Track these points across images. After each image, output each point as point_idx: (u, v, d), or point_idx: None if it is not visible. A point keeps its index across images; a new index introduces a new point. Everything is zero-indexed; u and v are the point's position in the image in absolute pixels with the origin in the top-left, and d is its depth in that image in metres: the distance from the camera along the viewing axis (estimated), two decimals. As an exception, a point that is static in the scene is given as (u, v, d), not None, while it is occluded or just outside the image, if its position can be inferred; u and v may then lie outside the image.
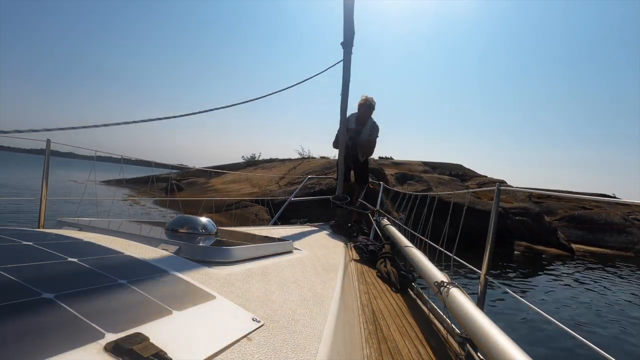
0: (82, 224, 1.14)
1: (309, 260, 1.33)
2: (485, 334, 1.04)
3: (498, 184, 1.56)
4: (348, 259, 2.17)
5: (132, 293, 0.54)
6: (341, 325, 0.83)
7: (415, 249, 2.19)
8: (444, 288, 1.45)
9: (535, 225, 12.29)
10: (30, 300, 0.44)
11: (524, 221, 12.18)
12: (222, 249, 0.96)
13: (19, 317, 0.40)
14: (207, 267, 0.83)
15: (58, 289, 0.48)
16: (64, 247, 0.68)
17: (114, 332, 0.42)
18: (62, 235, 0.80)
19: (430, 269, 1.77)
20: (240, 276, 0.84)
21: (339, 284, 1.14)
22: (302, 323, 0.68)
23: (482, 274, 1.49)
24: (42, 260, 0.58)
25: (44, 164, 1.78)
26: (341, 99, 3.87)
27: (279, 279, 0.93)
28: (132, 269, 0.65)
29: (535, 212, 12.71)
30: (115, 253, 0.73)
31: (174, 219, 1.23)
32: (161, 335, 0.45)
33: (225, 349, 0.48)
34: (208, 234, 1.19)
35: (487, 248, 1.51)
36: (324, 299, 0.90)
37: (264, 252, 1.14)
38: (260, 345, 0.53)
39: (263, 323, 0.61)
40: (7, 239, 0.66)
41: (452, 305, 1.34)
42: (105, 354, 0.38)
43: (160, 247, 0.91)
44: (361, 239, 3.05)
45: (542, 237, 12.06)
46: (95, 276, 0.57)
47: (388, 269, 2.21)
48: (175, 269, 0.72)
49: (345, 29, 3.35)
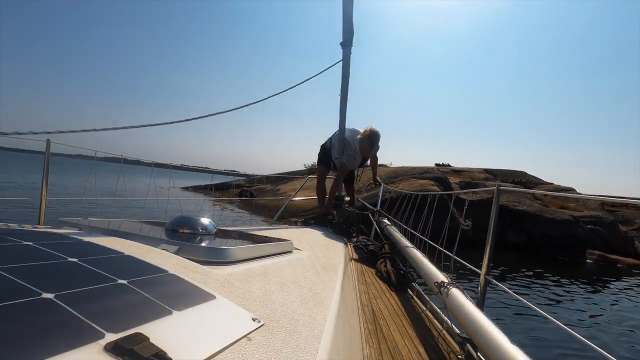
0: (82, 224, 1.14)
1: (309, 260, 1.33)
2: (485, 334, 1.04)
3: (498, 184, 1.56)
4: (348, 259, 2.17)
5: (132, 293, 0.54)
6: (341, 325, 0.83)
7: (415, 249, 2.20)
8: (443, 288, 1.46)
9: (609, 234, 11.92)
10: (30, 300, 0.44)
11: (596, 230, 11.85)
12: (222, 249, 0.96)
13: (19, 317, 0.40)
14: (207, 267, 0.83)
15: (58, 289, 0.48)
16: (64, 247, 0.68)
17: (114, 332, 0.42)
18: (62, 235, 0.80)
19: (430, 269, 1.77)
20: (240, 276, 0.84)
21: (339, 284, 1.14)
22: (302, 323, 0.68)
23: (482, 274, 1.49)
24: (42, 260, 0.58)
25: (44, 164, 1.78)
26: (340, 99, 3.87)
27: (279, 279, 0.93)
28: (132, 269, 0.65)
29: (609, 221, 12.31)
30: (115, 253, 0.73)
31: (174, 219, 1.23)
32: (161, 335, 0.45)
33: (225, 349, 0.48)
34: (208, 234, 1.19)
35: (487, 248, 1.51)
36: (324, 299, 0.90)
37: (264, 252, 1.14)
38: (260, 345, 0.53)
39: (263, 323, 0.61)
40: (7, 239, 0.66)
41: (452, 305, 1.34)
42: (105, 354, 0.38)
43: (160, 247, 0.91)
44: (361, 238, 3.05)
45: (617, 247, 11.65)
46: (95, 276, 0.57)
47: (388, 269, 2.21)
48: (175, 269, 0.72)
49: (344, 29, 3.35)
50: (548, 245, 11.24)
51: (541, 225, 11.52)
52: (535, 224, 11.55)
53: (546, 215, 11.70)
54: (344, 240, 2.94)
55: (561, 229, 11.40)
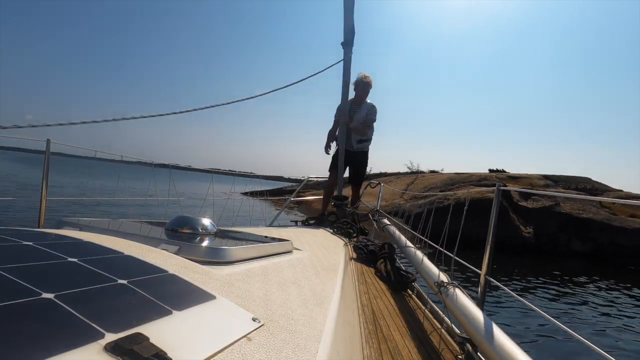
0: (82, 224, 1.14)
1: (309, 260, 1.33)
2: (485, 334, 1.04)
3: (498, 184, 1.56)
4: (348, 259, 2.17)
5: (132, 293, 0.54)
6: (341, 325, 0.83)
7: (415, 249, 2.20)
8: (444, 288, 1.46)
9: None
10: (30, 300, 0.44)
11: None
12: (222, 249, 0.96)
13: (19, 317, 0.40)
14: (207, 267, 0.83)
15: (58, 289, 0.48)
16: (64, 247, 0.68)
17: (114, 332, 0.42)
18: (62, 235, 0.80)
19: (431, 268, 1.78)
20: (240, 276, 0.84)
21: (339, 284, 1.14)
22: (302, 323, 0.68)
23: (482, 274, 1.49)
24: (42, 260, 0.58)
25: (44, 164, 1.78)
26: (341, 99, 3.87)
27: (279, 279, 0.93)
28: (132, 269, 0.65)
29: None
30: (115, 253, 0.73)
31: (174, 219, 1.23)
32: (161, 335, 0.45)
33: (225, 349, 0.48)
34: (208, 234, 1.20)
35: (487, 248, 1.51)
36: (324, 299, 0.90)
37: (264, 252, 1.14)
38: (260, 345, 0.53)
39: (263, 323, 0.61)
40: (7, 239, 0.66)
41: (452, 305, 1.34)
42: (105, 354, 0.38)
43: (160, 247, 0.91)
44: (361, 239, 3.05)
45: None
46: (95, 276, 0.57)
47: (388, 269, 2.21)
48: (175, 269, 0.72)
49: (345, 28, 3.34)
50: (617, 255, 10.90)
51: (610, 234, 11.18)
52: (603, 233, 11.21)
53: (615, 224, 11.32)
54: (344, 240, 2.94)
55: (632, 238, 10.97)
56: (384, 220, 3.59)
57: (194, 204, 3.06)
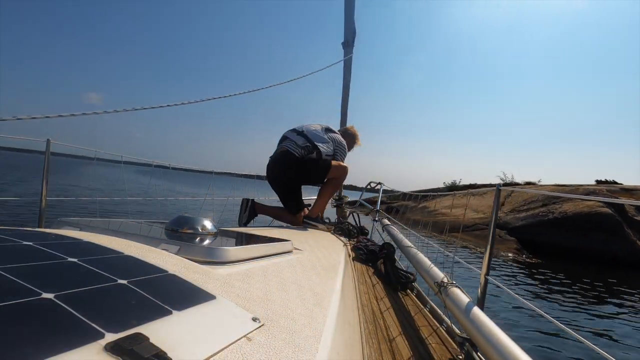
0: (82, 224, 1.14)
1: (309, 260, 1.33)
2: (485, 334, 1.04)
3: (498, 184, 1.56)
4: (348, 259, 2.17)
5: (132, 293, 0.54)
6: (341, 325, 0.83)
7: (415, 249, 2.20)
8: (444, 288, 1.46)
9: None
10: (30, 300, 0.44)
11: None
12: (222, 249, 0.96)
13: (19, 317, 0.40)
14: (207, 267, 0.83)
15: (58, 289, 0.48)
16: (64, 247, 0.68)
17: (114, 332, 0.42)
18: (62, 235, 0.80)
19: (431, 268, 1.78)
20: (240, 276, 0.84)
21: (339, 284, 1.14)
22: (302, 323, 0.68)
23: (482, 274, 1.49)
24: (42, 260, 0.58)
25: (44, 164, 1.78)
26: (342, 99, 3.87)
27: (278, 279, 0.93)
28: (132, 269, 0.65)
29: None
30: (115, 253, 0.73)
31: (174, 219, 1.23)
32: (161, 335, 0.45)
33: (225, 349, 0.48)
34: (208, 234, 1.20)
35: (487, 248, 1.51)
36: (324, 299, 0.90)
37: (264, 252, 1.14)
38: (260, 345, 0.53)
39: (263, 323, 0.61)
40: (7, 239, 0.66)
41: (452, 305, 1.34)
42: (105, 354, 0.38)
43: (160, 247, 0.91)
44: (361, 238, 3.06)
45: None
46: (95, 276, 0.57)
47: (388, 269, 2.21)
48: (175, 269, 0.72)
49: (346, 28, 3.34)
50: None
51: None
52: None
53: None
54: (344, 240, 2.94)
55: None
56: (384, 220, 3.60)
57: (194, 204, 3.07)
